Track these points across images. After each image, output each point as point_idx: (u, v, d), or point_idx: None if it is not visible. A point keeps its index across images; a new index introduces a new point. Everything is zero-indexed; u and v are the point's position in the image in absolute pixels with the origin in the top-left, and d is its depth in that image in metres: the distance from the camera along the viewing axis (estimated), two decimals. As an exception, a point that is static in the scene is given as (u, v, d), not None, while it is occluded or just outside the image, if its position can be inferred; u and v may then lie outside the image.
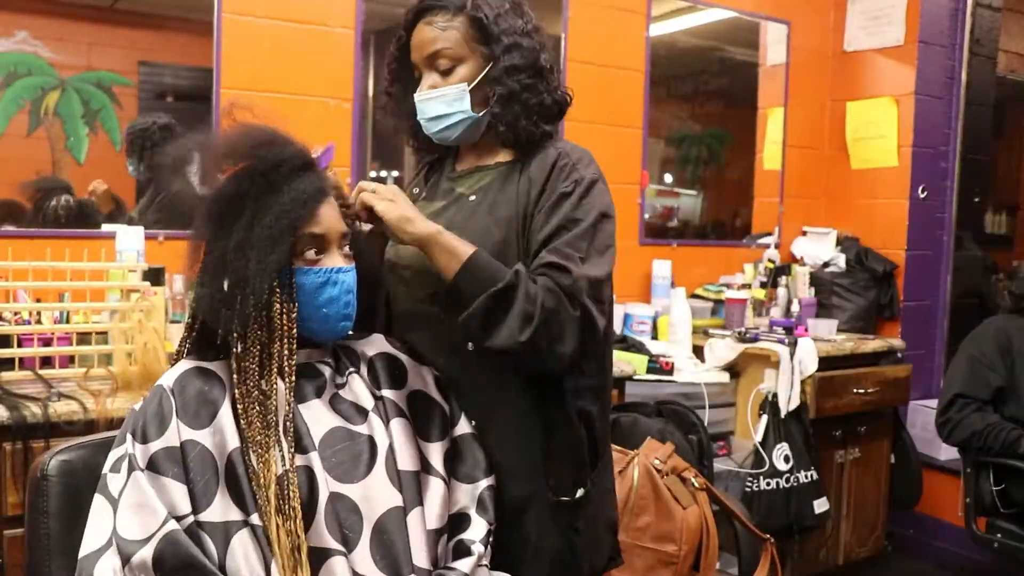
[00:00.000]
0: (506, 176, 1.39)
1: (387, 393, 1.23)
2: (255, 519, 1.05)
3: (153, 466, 1.05)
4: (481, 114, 1.38)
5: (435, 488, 1.19)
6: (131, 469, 1.06)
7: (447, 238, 1.26)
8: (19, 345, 1.84)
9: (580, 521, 1.36)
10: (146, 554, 1.00)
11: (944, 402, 2.64)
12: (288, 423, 1.11)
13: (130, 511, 1.03)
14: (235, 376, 1.13)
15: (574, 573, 1.37)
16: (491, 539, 1.24)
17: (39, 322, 1.93)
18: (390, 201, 1.26)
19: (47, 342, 1.88)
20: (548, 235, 1.29)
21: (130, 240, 2.13)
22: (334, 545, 1.06)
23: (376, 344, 1.29)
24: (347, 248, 1.21)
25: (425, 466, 1.20)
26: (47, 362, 1.89)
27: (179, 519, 1.03)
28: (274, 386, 1.12)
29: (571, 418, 1.35)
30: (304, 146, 1.20)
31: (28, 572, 1.18)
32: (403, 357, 1.29)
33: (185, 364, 1.16)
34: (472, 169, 1.44)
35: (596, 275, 1.27)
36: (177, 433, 1.08)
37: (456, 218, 1.38)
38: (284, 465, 1.07)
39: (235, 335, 1.13)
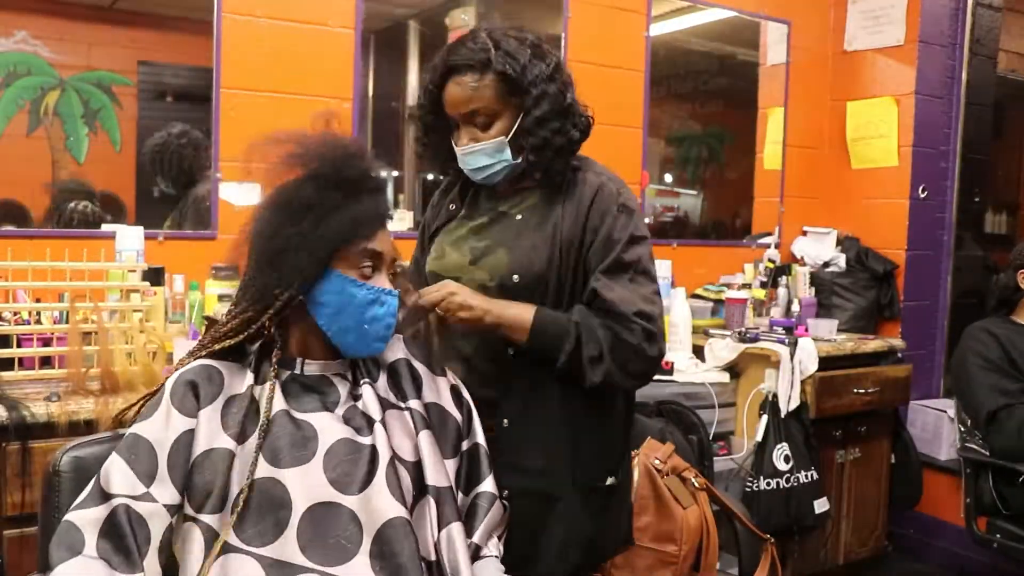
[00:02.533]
0: (550, 197, 1.48)
1: (413, 404, 1.24)
2: (205, 517, 1.07)
3: (132, 444, 1.11)
4: (520, 159, 1.46)
5: (449, 508, 1.20)
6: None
7: (505, 318, 1.39)
8: (19, 345, 1.84)
9: (610, 507, 1.51)
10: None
11: (983, 423, 2.59)
12: (262, 431, 1.12)
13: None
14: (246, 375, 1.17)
15: (600, 555, 1.54)
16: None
17: (39, 322, 1.92)
18: (467, 308, 1.38)
19: (47, 342, 1.88)
20: (607, 267, 1.42)
21: (130, 240, 2.13)
22: (305, 562, 1.06)
23: (395, 349, 1.30)
24: (392, 272, 1.24)
25: (440, 489, 1.20)
26: (47, 362, 1.89)
27: (134, 498, 1.07)
28: (267, 393, 1.15)
29: (606, 414, 1.49)
30: (383, 169, 1.26)
31: (40, 566, 1.19)
32: (419, 366, 1.30)
33: (199, 362, 1.19)
34: (516, 190, 1.53)
35: (645, 295, 1.43)
36: (168, 421, 1.12)
37: (504, 235, 1.48)
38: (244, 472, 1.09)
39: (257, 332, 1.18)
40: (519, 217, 1.49)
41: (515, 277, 1.44)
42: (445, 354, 1.40)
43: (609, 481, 1.49)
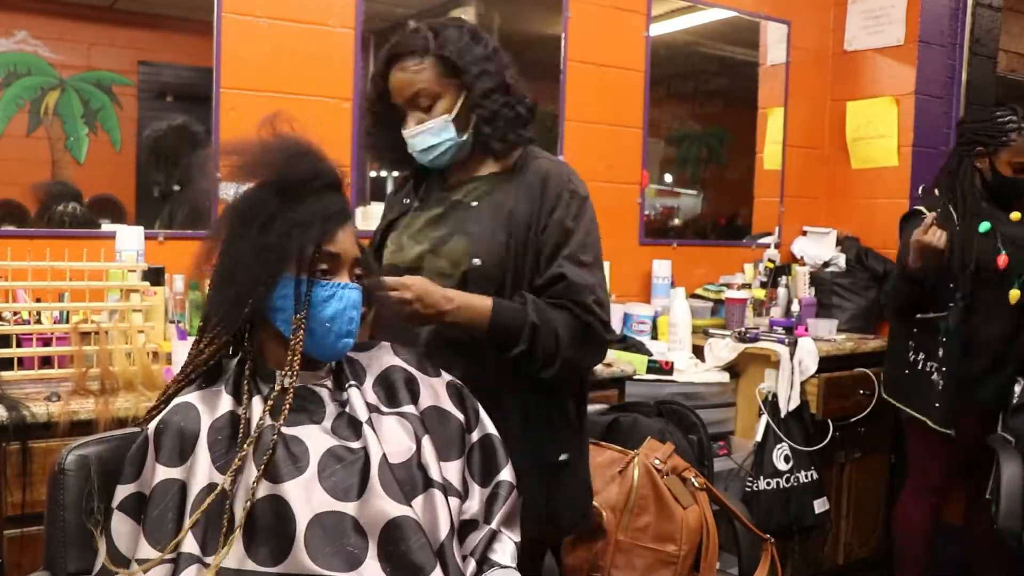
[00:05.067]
0: (502, 183, 1.55)
1: (408, 408, 1.23)
2: (212, 556, 1.06)
3: (123, 508, 1.12)
4: (465, 137, 1.53)
5: (452, 506, 1.19)
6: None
7: (465, 314, 1.43)
8: (19, 345, 1.84)
9: (562, 482, 1.57)
10: None
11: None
12: (249, 446, 1.12)
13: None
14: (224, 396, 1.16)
15: (555, 527, 1.60)
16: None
17: (39, 322, 1.92)
18: (413, 299, 1.40)
19: (47, 342, 1.88)
20: (558, 248, 1.50)
21: (130, 240, 2.13)
22: (320, 570, 1.05)
23: (385, 357, 1.29)
24: (358, 271, 1.22)
25: (446, 486, 1.20)
26: (47, 362, 1.89)
27: (141, 562, 1.07)
28: (257, 409, 1.15)
29: (557, 392, 1.56)
30: (335, 165, 1.22)
31: (45, 563, 1.22)
32: (414, 371, 1.28)
33: (175, 402, 1.17)
34: (466, 180, 1.58)
35: (600, 281, 1.52)
36: (152, 475, 1.11)
37: (460, 223, 1.53)
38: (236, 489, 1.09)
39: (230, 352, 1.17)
40: (473, 204, 1.54)
41: (476, 261, 1.48)
42: (402, 337, 1.40)
43: (562, 457, 1.56)
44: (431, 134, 1.51)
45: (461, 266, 1.48)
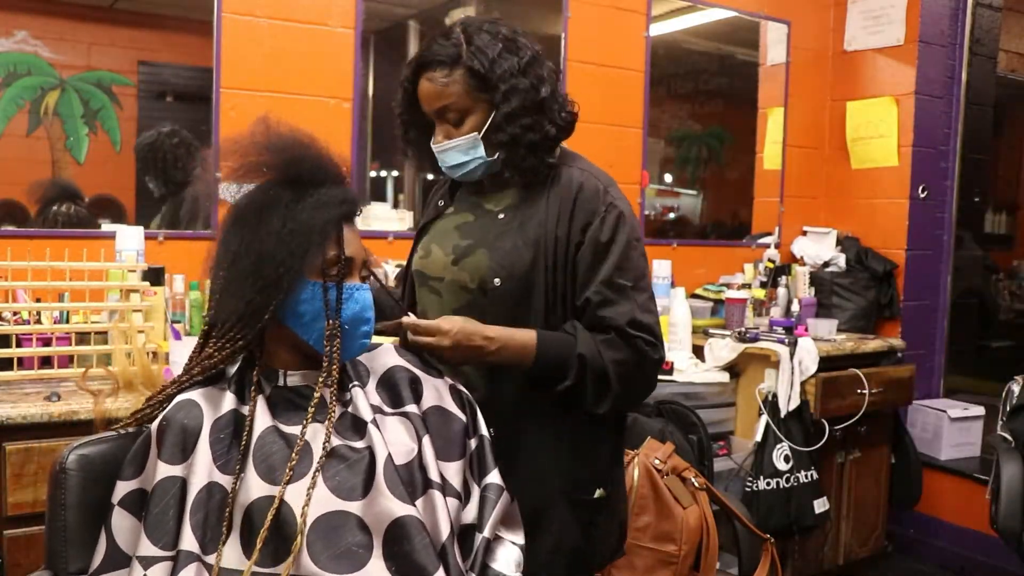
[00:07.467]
0: (531, 195, 1.45)
1: (411, 408, 1.22)
2: (212, 555, 1.06)
3: (124, 504, 1.12)
4: (496, 156, 1.43)
5: (451, 507, 1.18)
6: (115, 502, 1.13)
7: (509, 351, 1.35)
8: (19, 345, 1.84)
9: (599, 518, 1.47)
10: None
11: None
12: (245, 447, 1.12)
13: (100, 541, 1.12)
14: (227, 396, 1.16)
15: (588, 565, 1.48)
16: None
17: (39, 322, 1.92)
18: (451, 346, 1.32)
19: (47, 342, 1.88)
20: (592, 271, 1.39)
21: (130, 240, 2.13)
22: (319, 573, 1.05)
23: (387, 356, 1.28)
24: (364, 272, 1.22)
25: (444, 486, 1.19)
26: (47, 362, 1.89)
27: (141, 559, 1.07)
28: (261, 409, 1.14)
29: (595, 424, 1.44)
30: (340, 158, 1.21)
31: (47, 563, 1.22)
32: (418, 371, 1.28)
33: (178, 399, 1.17)
34: (498, 186, 1.49)
35: (643, 304, 1.40)
36: (154, 472, 1.11)
37: (486, 235, 1.44)
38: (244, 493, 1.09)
39: (237, 350, 1.16)
40: (501, 216, 1.45)
41: (496, 280, 1.39)
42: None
43: (597, 493, 1.45)
44: (459, 151, 1.42)
45: (480, 283, 1.41)
